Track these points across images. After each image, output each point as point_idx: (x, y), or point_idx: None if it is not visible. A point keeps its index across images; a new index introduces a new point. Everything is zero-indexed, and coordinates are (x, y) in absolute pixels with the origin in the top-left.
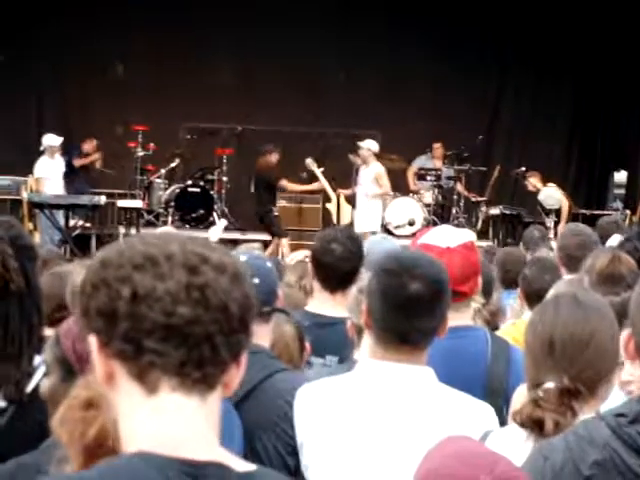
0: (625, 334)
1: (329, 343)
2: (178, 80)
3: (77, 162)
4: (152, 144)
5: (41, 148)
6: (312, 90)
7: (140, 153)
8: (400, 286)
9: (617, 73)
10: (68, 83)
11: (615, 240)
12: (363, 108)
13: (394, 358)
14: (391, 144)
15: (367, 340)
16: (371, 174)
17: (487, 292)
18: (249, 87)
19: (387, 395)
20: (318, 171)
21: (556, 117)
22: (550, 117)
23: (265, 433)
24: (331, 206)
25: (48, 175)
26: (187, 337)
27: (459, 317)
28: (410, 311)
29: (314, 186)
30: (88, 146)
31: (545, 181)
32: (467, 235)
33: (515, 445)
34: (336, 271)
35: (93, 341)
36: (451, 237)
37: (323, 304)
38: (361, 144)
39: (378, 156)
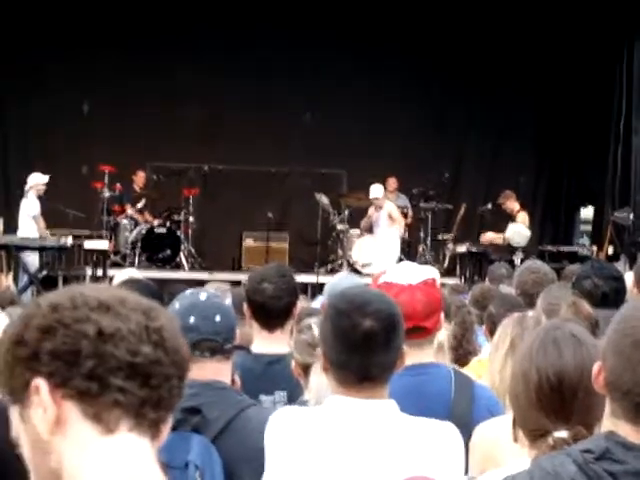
0: (596, 367)
1: (276, 380)
2: (144, 119)
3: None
4: (118, 184)
5: (26, 187)
6: (279, 130)
7: (106, 194)
8: (353, 325)
9: (582, 108)
10: (33, 120)
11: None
12: (329, 148)
13: (357, 395)
14: (358, 183)
15: (317, 379)
16: (385, 214)
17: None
18: (216, 127)
19: (353, 430)
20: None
21: (521, 153)
22: (515, 153)
23: (244, 468)
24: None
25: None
26: (150, 377)
27: (422, 354)
28: (366, 348)
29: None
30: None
31: (521, 204)
32: (429, 272)
33: None
34: (270, 310)
35: (42, 385)
36: (412, 274)
37: (264, 342)
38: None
39: (343, 195)
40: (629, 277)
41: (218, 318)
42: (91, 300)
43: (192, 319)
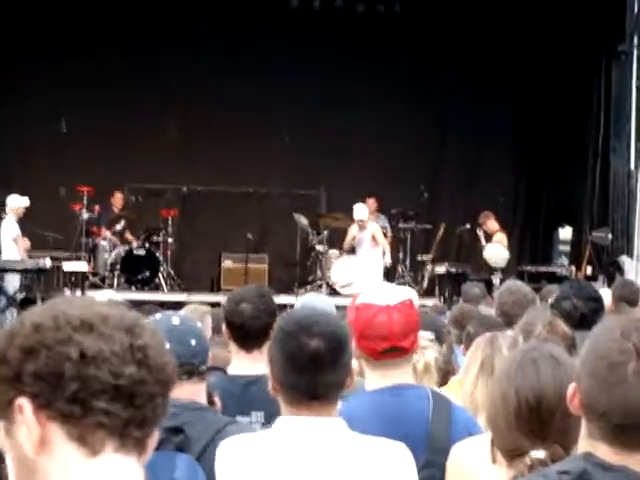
0: (571, 388)
1: (253, 401)
2: (122, 139)
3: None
4: (97, 206)
5: (6, 209)
6: (257, 150)
7: (85, 215)
8: (299, 346)
9: (560, 127)
10: (10, 139)
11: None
12: (307, 168)
13: (306, 414)
14: (336, 203)
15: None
16: (369, 234)
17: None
18: (194, 147)
19: (302, 449)
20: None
21: (500, 173)
22: (493, 173)
23: None
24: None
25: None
26: (134, 397)
27: (400, 374)
28: (313, 369)
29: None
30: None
31: (500, 224)
32: (406, 293)
33: None
34: (248, 330)
35: (25, 405)
36: (390, 295)
37: (241, 363)
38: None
39: (322, 216)
40: (607, 295)
41: (193, 342)
42: (74, 319)
43: (168, 345)
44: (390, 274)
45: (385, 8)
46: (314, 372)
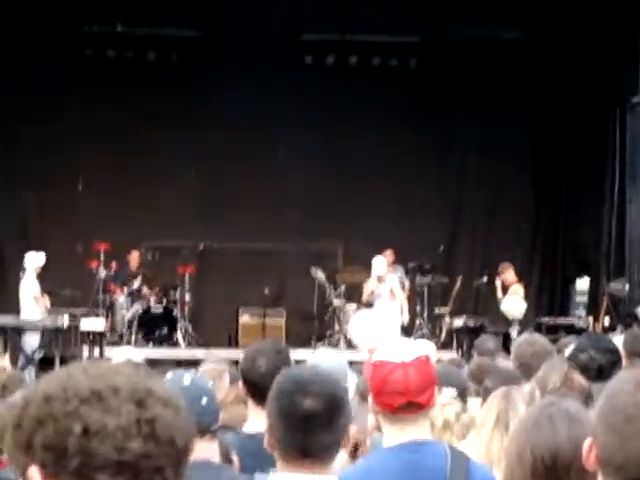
0: (587, 443)
1: (271, 457)
2: (138, 198)
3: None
4: (114, 263)
5: (25, 267)
6: (273, 206)
7: (102, 273)
8: (294, 405)
9: (577, 179)
10: (27, 196)
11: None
12: (324, 223)
13: (300, 471)
14: (353, 256)
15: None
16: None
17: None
18: (209, 204)
19: None
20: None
21: (516, 225)
22: (510, 225)
23: None
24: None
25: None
26: (139, 472)
27: (417, 430)
28: (307, 428)
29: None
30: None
31: (517, 275)
32: (424, 347)
33: None
34: (265, 386)
35: (35, 473)
36: (406, 351)
37: (259, 419)
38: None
39: (339, 270)
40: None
41: (204, 401)
42: (83, 390)
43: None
44: (408, 327)
45: (399, 63)
46: (308, 431)
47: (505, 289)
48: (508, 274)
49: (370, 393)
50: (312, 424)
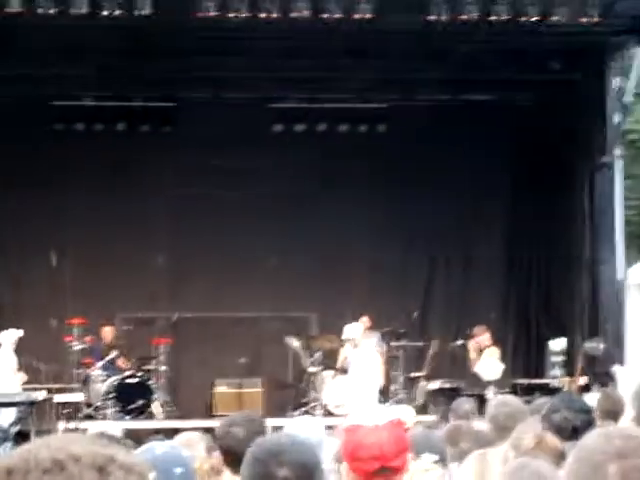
0: None
1: None
2: (112, 271)
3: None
4: (89, 337)
5: (2, 342)
6: (245, 275)
7: (77, 347)
8: (267, 474)
9: (548, 240)
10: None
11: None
12: (297, 291)
13: None
14: (327, 325)
15: None
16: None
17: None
18: (183, 276)
19: None
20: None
21: (489, 289)
22: (483, 289)
23: None
24: None
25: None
26: None
27: None
28: None
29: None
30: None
31: (493, 338)
32: (396, 412)
33: None
34: (241, 454)
35: None
36: (378, 415)
37: None
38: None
39: (314, 338)
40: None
41: (178, 471)
42: (44, 461)
43: (152, 476)
44: (384, 392)
45: (368, 129)
46: None
47: (480, 352)
48: (483, 337)
49: (343, 458)
50: None
